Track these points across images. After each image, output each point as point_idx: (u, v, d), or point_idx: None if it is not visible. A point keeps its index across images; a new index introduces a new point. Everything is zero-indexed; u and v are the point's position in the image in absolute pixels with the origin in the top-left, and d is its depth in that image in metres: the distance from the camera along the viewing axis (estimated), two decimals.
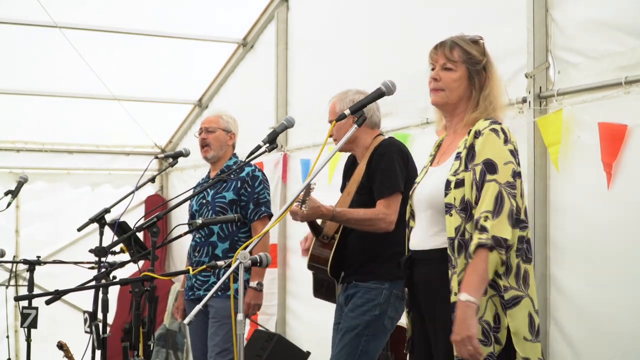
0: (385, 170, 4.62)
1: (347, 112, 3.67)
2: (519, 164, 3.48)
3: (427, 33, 5.90)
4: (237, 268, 3.42)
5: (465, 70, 3.61)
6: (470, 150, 3.47)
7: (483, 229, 3.30)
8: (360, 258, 4.71)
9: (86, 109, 9.32)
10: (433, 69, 3.66)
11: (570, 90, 4.83)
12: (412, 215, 3.77)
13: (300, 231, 7.61)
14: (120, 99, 9.09)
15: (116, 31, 8.15)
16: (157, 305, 4.22)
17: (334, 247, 4.74)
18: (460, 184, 3.44)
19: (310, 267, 4.88)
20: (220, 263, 4.17)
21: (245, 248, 3.43)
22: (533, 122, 4.98)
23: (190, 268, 4.21)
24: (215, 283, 5.54)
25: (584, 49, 4.77)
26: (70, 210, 9.69)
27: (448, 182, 3.48)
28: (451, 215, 3.44)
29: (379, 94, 3.75)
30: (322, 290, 4.97)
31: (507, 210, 3.32)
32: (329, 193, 5.35)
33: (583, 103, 4.73)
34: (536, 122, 4.96)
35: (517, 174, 3.43)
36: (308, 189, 4.36)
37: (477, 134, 3.47)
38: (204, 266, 4.08)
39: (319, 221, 4.83)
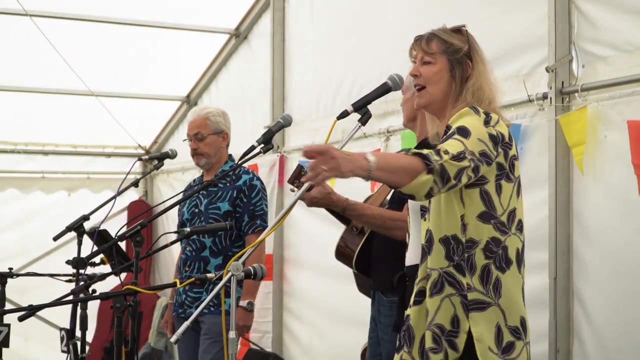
0: None
1: (349, 108, 3.65)
2: (497, 152, 3.35)
3: (436, 25, 5.90)
4: (228, 281, 3.41)
5: (445, 62, 3.55)
6: (448, 129, 3.39)
7: (439, 153, 3.14)
8: (383, 263, 4.61)
9: (61, 106, 9.32)
10: None
11: (596, 85, 4.82)
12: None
13: (299, 241, 7.63)
14: (98, 95, 9.09)
15: (94, 20, 8.16)
16: (141, 322, 4.23)
17: (363, 240, 4.67)
18: None
19: (337, 256, 4.80)
20: (210, 275, 4.16)
21: (238, 259, 3.43)
22: (555, 120, 4.98)
23: (178, 281, 4.22)
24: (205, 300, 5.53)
25: (613, 41, 4.76)
26: (44, 218, 9.70)
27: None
28: (425, 219, 3.43)
29: (385, 89, 3.75)
30: (362, 287, 4.90)
31: (459, 166, 3.17)
32: None
33: (610, 99, 4.73)
34: (558, 121, 4.96)
35: (486, 157, 3.28)
36: (299, 171, 4.32)
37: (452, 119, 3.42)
38: (192, 279, 4.07)
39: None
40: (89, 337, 9.09)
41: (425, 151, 3.13)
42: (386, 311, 4.58)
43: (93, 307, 9.39)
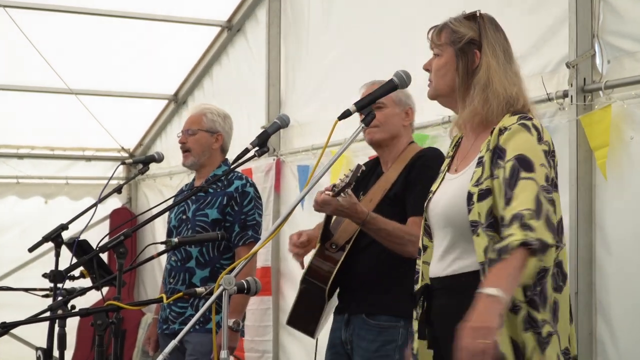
0: (428, 185, 4.53)
1: (352, 108, 3.65)
2: (554, 170, 3.37)
3: (458, 9, 5.91)
4: (220, 297, 3.41)
5: (452, 53, 3.53)
6: (496, 151, 3.36)
7: (528, 227, 3.09)
8: (372, 283, 4.62)
9: (38, 105, 9.33)
10: None
11: (622, 82, 4.82)
12: (427, 232, 3.68)
13: None
14: (78, 93, 9.10)
15: (73, 11, 8.18)
16: (124, 341, 4.23)
17: (341, 259, 4.69)
18: (484, 195, 3.33)
19: (304, 281, 4.83)
20: (200, 290, 4.16)
21: (230, 272, 3.43)
22: (576, 120, 4.99)
23: (164, 296, 4.21)
24: (192, 316, 5.53)
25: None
26: (19, 227, 9.70)
27: (470, 195, 3.37)
28: (478, 235, 3.34)
29: (390, 87, 3.74)
30: (301, 315, 4.90)
31: (546, 216, 3.15)
32: None
33: (637, 97, 4.74)
34: (579, 121, 4.97)
35: (552, 182, 3.30)
36: (357, 172, 4.32)
37: (502, 131, 3.37)
38: (180, 294, 4.07)
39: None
40: (68, 357, 9.09)
41: (518, 236, 3.07)
42: (371, 335, 4.60)
43: (72, 324, 9.39)
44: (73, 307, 4.61)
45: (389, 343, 4.57)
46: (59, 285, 5.00)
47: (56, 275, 5.01)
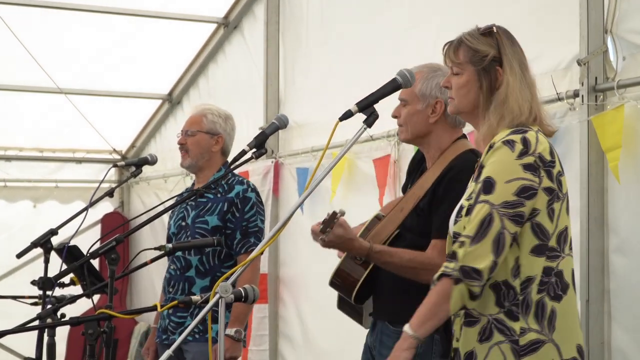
0: (455, 205, 4.46)
1: (354, 108, 3.65)
2: (550, 179, 3.47)
3: (458, 14, 5.91)
4: (216, 304, 3.41)
5: (473, 72, 3.64)
6: (481, 168, 3.53)
7: (452, 257, 3.43)
8: (398, 290, 4.59)
9: (26, 105, 9.34)
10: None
11: (635, 81, 4.81)
12: None
13: (297, 258, 7.63)
14: (68, 93, 9.11)
15: (62, 7, 8.18)
16: (116, 351, 4.23)
17: (369, 269, 4.65)
18: (470, 211, 3.50)
19: (332, 284, 4.80)
20: (195, 298, 4.16)
21: (227, 279, 3.42)
22: (587, 121, 4.98)
23: (158, 304, 4.21)
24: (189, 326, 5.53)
25: None
26: (6, 232, 9.70)
27: (460, 208, 3.57)
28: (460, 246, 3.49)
29: (393, 87, 3.75)
30: (346, 305, 4.89)
31: (493, 234, 3.39)
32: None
33: None
34: (591, 122, 4.96)
35: (527, 191, 3.43)
36: (332, 218, 4.29)
37: (490, 148, 3.52)
38: (175, 302, 4.07)
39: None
40: None
41: (441, 269, 3.47)
42: (391, 342, 4.57)
43: (62, 333, 9.39)
44: (63, 315, 4.60)
45: None
46: (48, 292, 4.99)
47: (45, 283, 5.00)
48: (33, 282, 5.11)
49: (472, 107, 3.66)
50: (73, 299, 4.65)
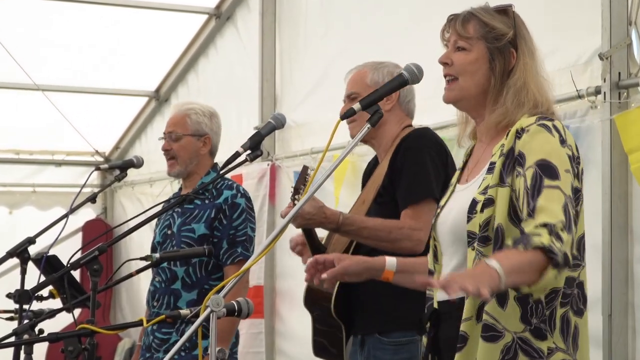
0: (415, 169, 4.56)
1: (356, 106, 3.65)
2: (579, 180, 3.36)
3: (466, 3, 5.92)
4: (207, 319, 3.41)
5: (484, 49, 3.51)
6: (510, 155, 3.37)
7: (558, 237, 3.12)
8: (379, 296, 4.60)
9: (0, 102, 9.33)
10: None
11: None
12: (435, 255, 3.66)
13: (295, 270, 7.63)
14: (46, 90, 9.11)
15: None
16: None
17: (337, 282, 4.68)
18: (487, 204, 3.34)
19: (306, 303, 4.82)
20: (184, 312, 4.16)
21: (218, 291, 3.42)
22: (609, 120, 4.99)
23: (144, 319, 4.21)
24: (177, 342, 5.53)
25: None
26: None
27: (474, 203, 3.38)
28: (473, 249, 3.38)
29: (399, 83, 3.75)
30: (325, 348, 4.90)
31: (573, 232, 3.21)
32: None
33: None
34: (613, 121, 4.97)
35: (577, 192, 3.32)
36: (303, 173, 4.33)
37: (520, 134, 3.37)
38: (162, 317, 4.08)
39: (320, 233, 4.78)
40: None
41: (544, 239, 3.10)
42: (387, 355, 4.60)
43: (40, 350, 9.39)
44: (41, 331, 4.61)
45: None
46: (25, 306, 4.99)
47: (22, 295, 5.00)
48: (9, 295, 5.10)
49: (479, 90, 3.51)
50: (52, 314, 4.65)
